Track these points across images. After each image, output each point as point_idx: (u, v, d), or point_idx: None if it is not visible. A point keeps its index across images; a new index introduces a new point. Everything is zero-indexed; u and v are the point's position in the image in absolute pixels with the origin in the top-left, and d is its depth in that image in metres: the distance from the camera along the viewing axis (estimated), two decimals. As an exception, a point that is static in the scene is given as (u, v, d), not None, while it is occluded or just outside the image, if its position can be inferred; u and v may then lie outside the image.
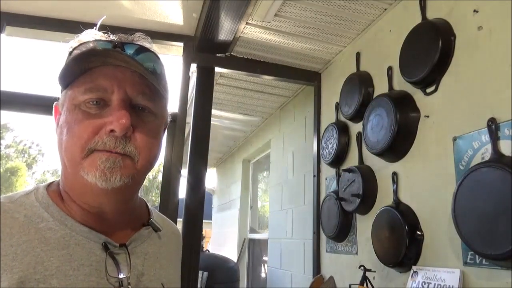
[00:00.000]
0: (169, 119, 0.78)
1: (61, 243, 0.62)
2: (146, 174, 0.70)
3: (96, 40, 0.67)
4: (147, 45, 0.70)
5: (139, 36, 0.71)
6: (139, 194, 0.77)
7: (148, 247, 0.74)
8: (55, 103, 0.71)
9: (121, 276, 0.65)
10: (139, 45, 0.69)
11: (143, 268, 0.70)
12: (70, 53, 0.69)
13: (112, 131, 0.62)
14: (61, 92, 0.69)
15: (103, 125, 0.63)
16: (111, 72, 0.64)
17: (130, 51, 0.67)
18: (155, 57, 0.70)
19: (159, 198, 2.13)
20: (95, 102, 0.63)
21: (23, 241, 0.60)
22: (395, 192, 1.63)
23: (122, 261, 0.66)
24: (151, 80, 0.65)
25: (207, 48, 2.21)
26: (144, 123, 0.67)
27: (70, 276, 0.60)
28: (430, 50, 1.43)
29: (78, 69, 0.64)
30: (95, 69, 0.64)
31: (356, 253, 1.93)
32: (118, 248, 0.67)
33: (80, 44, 0.68)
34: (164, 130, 0.76)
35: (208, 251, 4.74)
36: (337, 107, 2.23)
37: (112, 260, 0.65)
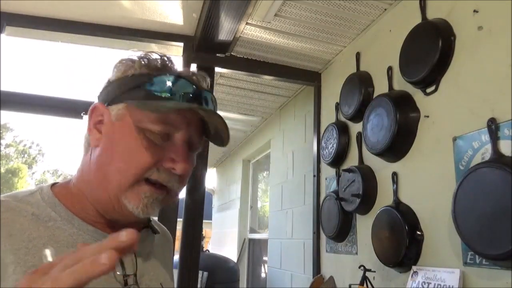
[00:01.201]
0: None
1: (69, 241, 0.63)
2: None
3: (181, 78, 0.68)
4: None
5: (206, 77, 0.74)
6: None
7: (148, 248, 0.76)
8: (97, 103, 0.71)
9: (127, 273, 0.66)
10: (211, 93, 0.72)
11: (144, 268, 0.71)
12: (151, 76, 0.68)
13: (173, 168, 0.65)
14: (115, 99, 0.68)
15: (163, 158, 0.65)
16: (182, 111, 0.67)
17: (208, 96, 0.70)
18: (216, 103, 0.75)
19: (159, 198, 2.12)
20: (160, 134, 0.66)
21: (33, 237, 0.61)
22: (395, 192, 1.63)
23: (127, 260, 0.68)
24: (227, 132, 0.71)
25: (207, 48, 2.21)
26: (192, 159, 0.71)
27: None
28: (430, 50, 1.43)
29: (163, 110, 0.66)
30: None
31: (356, 253, 1.93)
32: None
33: (159, 71, 0.69)
34: None
35: (208, 251, 4.74)
36: (337, 107, 2.23)
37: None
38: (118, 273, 0.65)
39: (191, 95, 0.67)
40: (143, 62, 0.69)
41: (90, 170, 0.69)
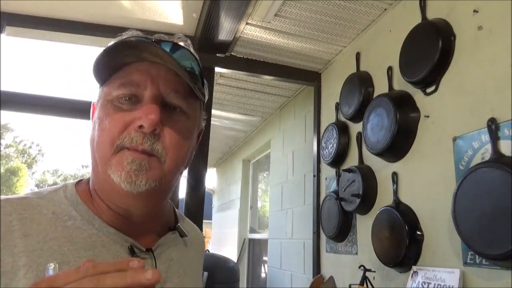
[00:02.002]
0: (203, 124, 0.75)
1: (87, 243, 0.60)
2: (175, 178, 0.67)
3: (133, 36, 0.66)
4: (184, 44, 0.68)
5: (179, 38, 0.69)
6: None
7: (173, 253, 0.71)
8: (93, 102, 0.70)
9: None
10: (175, 43, 0.67)
11: (167, 275, 0.68)
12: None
13: (140, 126, 0.60)
14: (98, 90, 0.68)
15: (132, 120, 0.61)
16: (146, 68, 0.63)
17: (166, 47, 0.64)
18: (193, 57, 0.68)
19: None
20: (127, 98, 0.62)
21: (50, 238, 0.58)
22: (395, 192, 1.63)
23: (146, 266, 0.64)
24: (185, 79, 0.63)
25: (207, 48, 2.21)
26: (174, 121, 0.64)
27: None
28: (430, 50, 1.43)
29: (112, 63, 0.63)
30: (130, 65, 0.63)
31: (356, 253, 1.93)
32: (144, 252, 0.65)
33: (116, 41, 0.66)
34: (198, 137, 0.74)
35: (208, 251, 4.74)
36: (337, 107, 2.23)
37: None
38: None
39: (139, 39, 0.63)
40: (113, 42, 0.65)
41: (91, 162, 0.67)
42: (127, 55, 0.62)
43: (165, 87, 0.63)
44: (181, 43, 0.68)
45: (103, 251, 0.61)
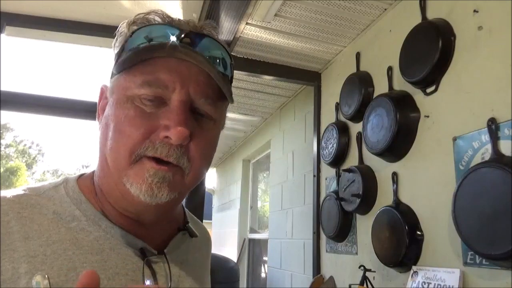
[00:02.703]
0: (224, 121, 0.67)
1: (94, 246, 0.55)
2: (194, 186, 0.62)
3: (162, 25, 0.58)
4: (216, 37, 0.60)
5: (209, 25, 0.61)
6: None
7: (184, 255, 0.67)
8: (102, 85, 0.62)
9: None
10: (210, 37, 0.59)
11: (179, 279, 0.63)
12: (131, 33, 0.58)
13: (166, 137, 0.53)
14: (111, 75, 0.60)
15: (157, 127, 0.54)
16: (176, 66, 0.55)
17: (199, 43, 0.57)
18: (226, 53, 0.61)
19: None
20: (151, 99, 0.55)
21: (53, 241, 0.52)
22: (395, 192, 1.63)
23: (159, 270, 0.60)
24: (219, 83, 0.56)
25: (207, 48, 2.21)
26: (202, 131, 0.58)
27: (105, 286, 0.52)
28: (430, 50, 1.43)
29: (138, 58, 0.55)
30: (156, 60, 0.55)
31: (356, 253, 1.93)
32: (156, 256, 0.60)
33: (143, 25, 0.59)
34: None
35: (208, 251, 4.73)
36: (337, 107, 2.23)
37: (149, 269, 0.58)
38: (148, 284, 0.56)
39: (172, 40, 0.55)
40: (127, 28, 0.60)
41: (98, 158, 0.60)
42: (158, 52, 0.55)
43: (196, 91, 0.56)
44: (214, 35, 0.61)
45: (112, 255, 0.55)
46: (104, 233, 0.56)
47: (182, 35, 0.56)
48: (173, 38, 0.56)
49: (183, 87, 0.55)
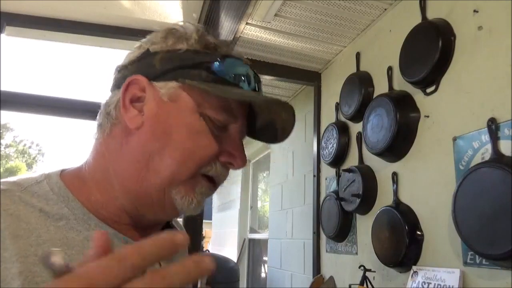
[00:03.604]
0: None
1: (85, 246, 0.53)
2: None
3: (237, 60, 0.61)
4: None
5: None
6: None
7: None
8: (138, 76, 0.58)
9: None
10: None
11: None
12: (221, 57, 0.60)
13: (230, 163, 0.59)
14: (165, 74, 0.58)
15: (221, 152, 0.58)
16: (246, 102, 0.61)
17: (261, 88, 0.64)
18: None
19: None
20: (220, 124, 0.58)
21: (43, 240, 0.50)
22: (395, 192, 1.63)
23: (149, 268, 0.61)
24: (290, 130, 0.64)
25: (207, 48, 2.21)
26: None
27: None
28: (430, 50, 1.43)
29: (234, 96, 0.59)
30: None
31: (356, 253, 1.93)
32: None
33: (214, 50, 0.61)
34: None
35: (208, 251, 4.74)
36: (337, 107, 2.23)
37: None
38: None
39: (253, 84, 0.60)
40: (196, 37, 0.60)
41: (123, 155, 0.57)
42: (251, 100, 0.61)
43: (245, 125, 0.63)
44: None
45: None
46: (94, 232, 0.54)
47: (256, 83, 0.62)
48: (252, 85, 0.61)
49: (244, 119, 0.61)
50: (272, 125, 0.64)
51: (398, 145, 1.60)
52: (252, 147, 4.25)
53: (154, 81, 0.57)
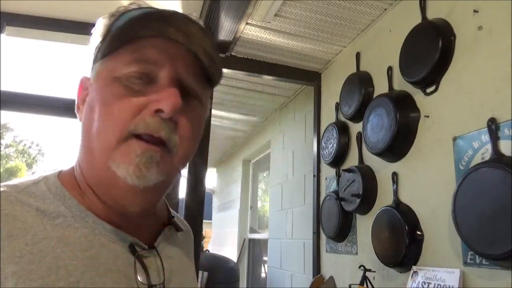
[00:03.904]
0: (208, 109, 0.67)
1: (83, 243, 0.52)
2: (180, 172, 0.61)
3: (148, 8, 0.57)
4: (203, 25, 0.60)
5: (195, 17, 0.61)
6: None
7: (172, 250, 0.65)
8: (82, 77, 0.61)
9: (153, 283, 0.56)
10: (201, 25, 0.58)
11: (170, 273, 0.61)
12: (118, 16, 0.58)
13: (158, 111, 0.52)
14: (94, 63, 0.59)
15: (147, 103, 0.53)
16: (164, 45, 0.54)
17: (180, 23, 0.57)
18: (213, 41, 0.61)
19: (159, 198, 2.13)
20: (139, 77, 0.54)
21: (39, 239, 0.50)
22: (395, 192, 1.63)
23: (151, 265, 0.58)
24: (209, 66, 0.55)
25: (207, 48, 2.21)
26: (191, 110, 0.57)
27: (97, 284, 0.51)
28: (430, 50, 1.43)
29: (126, 35, 0.54)
30: (144, 39, 0.54)
31: (356, 253, 1.93)
32: (146, 250, 0.59)
33: (126, 11, 0.57)
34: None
35: (208, 251, 4.74)
36: (337, 107, 2.23)
37: (140, 264, 0.57)
38: (140, 281, 0.55)
39: (158, 21, 0.55)
40: (113, 11, 0.59)
41: (80, 147, 0.58)
42: (150, 27, 0.54)
43: (185, 70, 0.55)
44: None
45: (102, 251, 0.53)
46: (92, 229, 0.54)
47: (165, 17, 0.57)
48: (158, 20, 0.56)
49: (172, 64, 0.55)
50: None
51: (398, 145, 1.60)
52: (252, 147, 4.25)
53: (91, 72, 0.59)
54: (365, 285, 1.66)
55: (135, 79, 0.54)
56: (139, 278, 0.55)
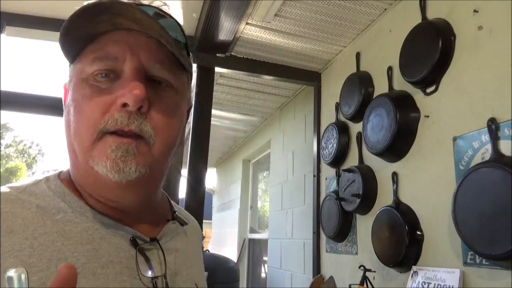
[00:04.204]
0: (192, 100, 0.66)
1: (84, 237, 0.53)
2: (166, 161, 0.60)
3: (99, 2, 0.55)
4: (165, 11, 0.59)
5: (158, 4, 0.60)
6: None
7: (177, 243, 0.65)
8: (64, 83, 0.62)
9: (155, 275, 0.56)
10: (157, 8, 0.58)
11: (176, 267, 0.61)
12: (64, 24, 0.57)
13: (124, 105, 0.52)
14: (69, 67, 0.60)
15: (114, 100, 0.53)
16: (123, 37, 0.54)
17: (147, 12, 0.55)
18: (177, 25, 0.59)
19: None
20: (104, 74, 0.54)
21: (39, 233, 0.50)
22: (395, 192, 1.63)
23: (153, 258, 0.58)
24: (170, 47, 0.54)
25: (207, 48, 2.21)
26: (161, 98, 0.56)
27: (99, 275, 0.51)
28: (430, 50, 1.43)
29: (83, 34, 0.54)
30: (103, 36, 0.54)
31: (356, 253, 1.93)
32: (148, 243, 0.59)
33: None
34: (188, 113, 0.66)
35: (208, 251, 4.74)
36: (337, 107, 2.23)
37: (142, 256, 0.57)
38: (144, 274, 0.55)
39: (103, 13, 0.53)
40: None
41: (67, 150, 0.59)
42: (100, 22, 0.53)
43: (148, 58, 0.55)
44: (162, 9, 0.59)
45: (103, 244, 0.54)
46: (92, 223, 0.55)
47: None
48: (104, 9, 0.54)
49: (133, 55, 0.54)
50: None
51: (398, 145, 1.60)
52: (252, 147, 4.25)
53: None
54: (365, 285, 1.66)
55: (101, 77, 0.54)
56: (141, 270, 0.55)
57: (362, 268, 1.70)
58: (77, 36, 0.54)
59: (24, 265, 0.46)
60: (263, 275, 4.17)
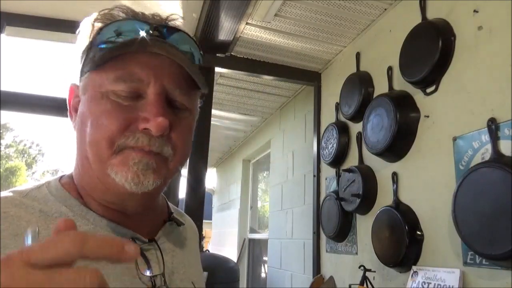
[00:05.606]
0: (198, 111, 0.69)
1: None
2: (178, 172, 0.63)
3: (130, 20, 0.59)
4: (183, 29, 0.62)
5: (173, 17, 0.63)
6: None
7: (175, 244, 0.68)
8: (71, 84, 0.63)
9: (153, 274, 0.59)
10: (179, 29, 0.60)
11: (173, 266, 0.64)
12: (99, 29, 0.59)
13: (146, 129, 0.54)
14: (81, 74, 0.60)
15: (136, 119, 0.55)
16: (148, 60, 0.56)
17: (169, 37, 0.58)
18: (194, 44, 0.62)
19: (159, 198, 2.13)
20: (126, 95, 0.55)
21: (43, 236, 0.51)
22: (395, 192, 1.63)
23: (152, 258, 0.61)
24: (194, 75, 0.57)
25: (207, 48, 2.21)
26: (180, 120, 0.59)
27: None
28: (430, 50, 1.43)
29: (110, 55, 0.55)
30: (127, 55, 0.56)
31: (356, 253, 1.93)
32: (147, 243, 0.61)
33: (108, 21, 0.59)
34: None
35: (208, 251, 4.74)
36: (337, 107, 2.23)
37: (141, 257, 0.59)
38: (143, 273, 0.57)
39: (142, 35, 0.56)
40: (93, 20, 0.61)
41: (76, 155, 0.61)
42: (132, 44, 0.56)
43: (170, 83, 0.57)
44: (181, 27, 0.62)
45: None
46: (93, 226, 0.57)
47: (151, 30, 0.58)
48: (142, 33, 0.57)
49: (157, 80, 0.56)
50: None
51: (398, 145, 1.60)
52: (252, 147, 4.25)
53: (80, 81, 0.61)
54: (365, 285, 1.66)
55: (123, 96, 0.56)
56: (140, 269, 0.57)
57: (362, 268, 1.70)
58: (102, 55, 0.56)
59: None
60: (263, 275, 4.17)
